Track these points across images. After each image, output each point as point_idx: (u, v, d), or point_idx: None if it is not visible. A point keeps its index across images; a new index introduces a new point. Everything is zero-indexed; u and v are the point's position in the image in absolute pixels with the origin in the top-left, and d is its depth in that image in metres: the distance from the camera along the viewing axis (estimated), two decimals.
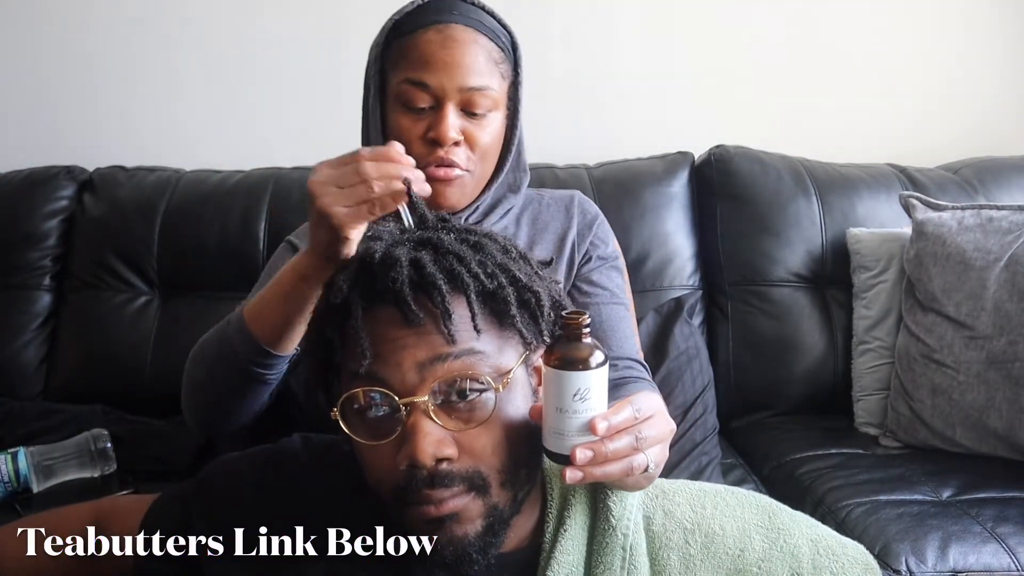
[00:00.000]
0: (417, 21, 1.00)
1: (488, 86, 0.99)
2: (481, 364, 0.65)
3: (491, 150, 1.03)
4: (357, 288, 0.65)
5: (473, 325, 0.64)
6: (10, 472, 1.29)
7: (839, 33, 1.97)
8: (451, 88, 0.97)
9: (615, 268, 1.14)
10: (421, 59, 0.98)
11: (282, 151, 1.87)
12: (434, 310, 0.63)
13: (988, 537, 1.19)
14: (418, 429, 0.63)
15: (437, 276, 0.64)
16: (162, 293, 1.72)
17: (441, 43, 0.98)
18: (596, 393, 0.66)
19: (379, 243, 0.68)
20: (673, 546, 0.71)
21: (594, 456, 0.65)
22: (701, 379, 1.43)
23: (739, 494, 0.76)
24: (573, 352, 0.66)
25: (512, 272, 0.67)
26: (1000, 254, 1.43)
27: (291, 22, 1.93)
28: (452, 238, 0.68)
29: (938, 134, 1.97)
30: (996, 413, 1.39)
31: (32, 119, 1.96)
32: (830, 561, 0.72)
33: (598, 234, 1.13)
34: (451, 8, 1.00)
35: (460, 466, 0.64)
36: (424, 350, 0.63)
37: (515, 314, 0.66)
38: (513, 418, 0.67)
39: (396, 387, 0.64)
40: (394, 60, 1.01)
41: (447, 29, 0.98)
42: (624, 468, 0.66)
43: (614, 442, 0.65)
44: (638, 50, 1.95)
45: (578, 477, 0.65)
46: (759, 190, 1.71)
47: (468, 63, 0.98)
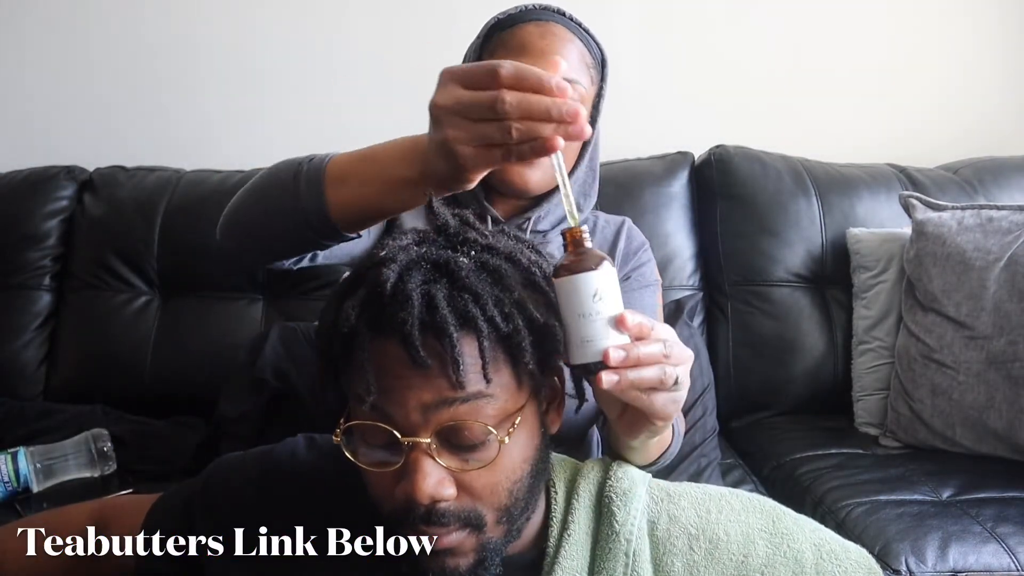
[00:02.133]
0: (518, 19, 1.05)
1: (579, 80, 1.03)
2: (488, 407, 0.63)
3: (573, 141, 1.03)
4: (364, 318, 0.62)
5: (484, 374, 0.61)
6: (10, 472, 1.29)
7: (839, 33, 1.97)
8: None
9: (650, 290, 1.16)
10: (519, 46, 1.01)
11: (282, 151, 1.86)
12: (443, 353, 0.60)
13: (988, 537, 1.19)
14: (418, 468, 0.62)
15: (448, 321, 0.60)
16: (162, 293, 1.72)
17: (540, 34, 1.02)
18: (611, 293, 0.64)
19: (392, 268, 0.62)
20: (677, 552, 0.71)
21: (627, 356, 0.62)
22: (701, 381, 1.43)
23: (744, 498, 0.76)
24: (582, 259, 0.64)
25: (529, 312, 0.63)
26: (1000, 254, 1.43)
27: (291, 22, 1.93)
28: (471, 263, 0.63)
29: (938, 134, 1.97)
30: (996, 413, 1.39)
31: (32, 119, 1.96)
32: (833, 565, 0.72)
33: (640, 258, 1.17)
34: (552, 15, 1.06)
35: (458, 505, 0.63)
36: (429, 393, 0.61)
37: (528, 360, 0.63)
38: (516, 459, 0.65)
39: (399, 424, 0.62)
40: (491, 50, 1.04)
41: (546, 25, 1.03)
42: (657, 374, 0.64)
43: (645, 346, 0.63)
44: (638, 50, 1.95)
45: (614, 380, 0.62)
46: (759, 190, 1.71)
47: (563, 55, 1.01)
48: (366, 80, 1.95)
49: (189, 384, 1.61)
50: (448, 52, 1.91)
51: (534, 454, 0.67)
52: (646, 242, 1.20)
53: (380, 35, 1.94)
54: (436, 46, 1.91)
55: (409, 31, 1.93)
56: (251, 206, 0.87)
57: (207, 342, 1.65)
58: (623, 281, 1.14)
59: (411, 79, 1.94)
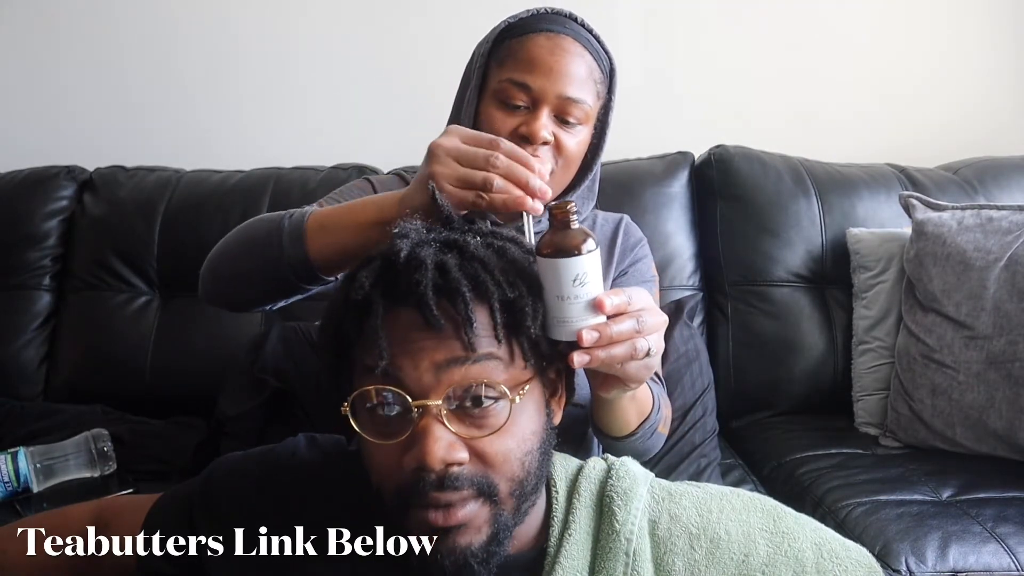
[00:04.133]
0: (529, 26, 1.04)
1: (584, 100, 1.02)
2: (498, 371, 0.65)
3: (574, 159, 1.06)
4: (379, 286, 0.64)
5: (494, 334, 0.64)
6: (10, 472, 1.29)
7: (839, 33, 1.97)
8: (550, 92, 1.00)
9: (647, 287, 1.18)
10: (527, 60, 1.01)
11: (282, 151, 1.87)
12: (456, 316, 0.63)
13: (988, 537, 1.19)
14: (429, 433, 0.62)
15: (462, 282, 0.63)
16: (162, 293, 1.72)
17: (550, 49, 1.01)
18: (592, 277, 0.67)
19: (404, 241, 0.66)
20: (678, 551, 0.71)
21: (600, 337, 0.67)
22: (701, 381, 1.43)
23: (744, 497, 0.76)
24: (567, 240, 0.67)
25: (532, 281, 0.67)
26: (1000, 254, 1.43)
27: (291, 22, 1.94)
28: (478, 242, 0.67)
29: (938, 134, 1.97)
30: (996, 413, 1.39)
31: (32, 119, 1.96)
32: (833, 564, 0.72)
33: (638, 254, 1.19)
34: (564, 23, 1.05)
35: (471, 470, 0.64)
36: (442, 352, 0.63)
37: (530, 324, 0.66)
38: (525, 428, 0.66)
39: (411, 388, 0.63)
40: (500, 58, 1.04)
41: (557, 38, 1.02)
42: (628, 350, 0.69)
43: (618, 324, 0.68)
44: (638, 50, 1.95)
45: (585, 360, 0.67)
46: (759, 190, 1.71)
47: (571, 73, 1.01)
48: (367, 80, 1.95)
49: (189, 384, 1.61)
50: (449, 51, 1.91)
51: (542, 431, 0.68)
52: (644, 238, 1.22)
53: (380, 35, 1.94)
54: (437, 46, 1.91)
55: (409, 31, 1.93)
56: (236, 256, 0.94)
57: (207, 342, 1.65)
58: (621, 276, 1.16)
59: (411, 79, 1.95)
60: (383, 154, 1.82)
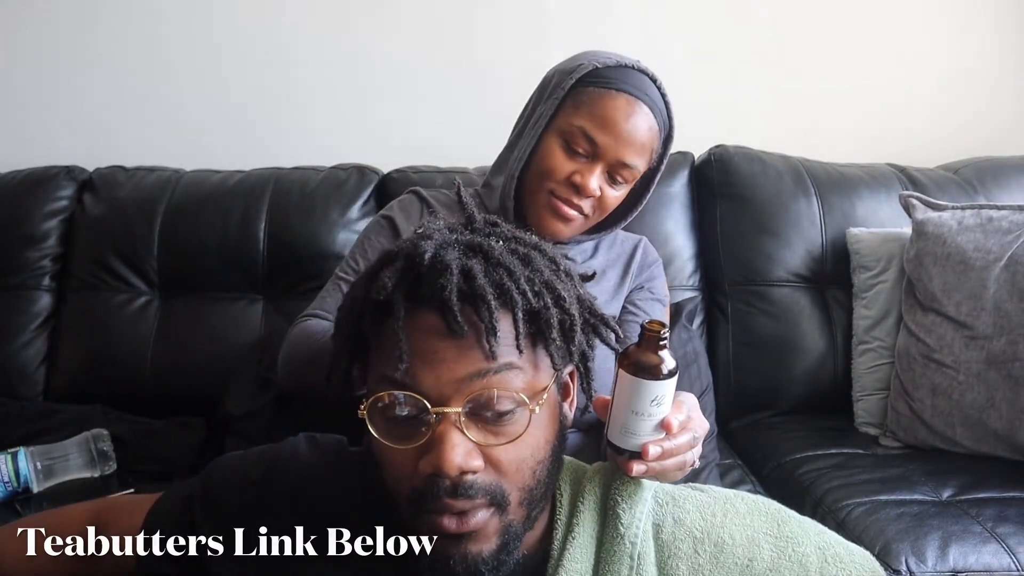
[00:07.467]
0: (615, 80, 1.11)
1: (637, 166, 1.12)
2: (518, 380, 0.64)
3: (608, 209, 1.16)
4: (401, 287, 0.63)
5: (516, 344, 0.63)
6: (10, 472, 1.29)
7: (839, 33, 1.97)
8: (612, 154, 1.09)
9: (659, 305, 1.26)
10: (603, 118, 1.09)
11: (282, 151, 1.87)
12: (478, 324, 0.62)
13: (988, 537, 1.19)
14: (446, 439, 0.61)
15: (488, 290, 0.62)
16: (162, 293, 1.72)
17: (627, 115, 1.09)
18: (669, 399, 0.71)
19: (428, 243, 0.64)
20: (682, 556, 0.71)
21: (661, 453, 0.72)
22: (700, 383, 1.43)
23: (749, 501, 0.76)
24: (655, 361, 0.70)
25: (557, 291, 0.66)
26: (1000, 254, 1.43)
27: (290, 22, 1.93)
28: (503, 247, 0.66)
29: (938, 134, 1.97)
30: (996, 413, 1.40)
31: (32, 119, 1.96)
32: (837, 569, 0.72)
33: (652, 273, 1.27)
34: (646, 88, 1.12)
35: (484, 478, 0.63)
36: (464, 365, 0.62)
37: (555, 336, 0.65)
38: (540, 437, 0.66)
39: (429, 395, 0.62)
40: (579, 102, 1.10)
41: (636, 104, 1.10)
42: (679, 463, 0.75)
43: (676, 440, 0.73)
44: (637, 50, 1.94)
45: (642, 470, 0.72)
46: (759, 190, 1.71)
47: (637, 143, 1.10)
48: (367, 80, 1.95)
49: (189, 384, 1.61)
50: (449, 52, 1.92)
51: (555, 438, 0.68)
52: (659, 259, 1.30)
53: (380, 35, 1.94)
54: (437, 46, 1.91)
55: (409, 31, 1.93)
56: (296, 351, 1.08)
57: (207, 342, 1.65)
58: (637, 291, 1.23)
59: (411, 79, 1.95)
60: (383, 154, 1.82)
